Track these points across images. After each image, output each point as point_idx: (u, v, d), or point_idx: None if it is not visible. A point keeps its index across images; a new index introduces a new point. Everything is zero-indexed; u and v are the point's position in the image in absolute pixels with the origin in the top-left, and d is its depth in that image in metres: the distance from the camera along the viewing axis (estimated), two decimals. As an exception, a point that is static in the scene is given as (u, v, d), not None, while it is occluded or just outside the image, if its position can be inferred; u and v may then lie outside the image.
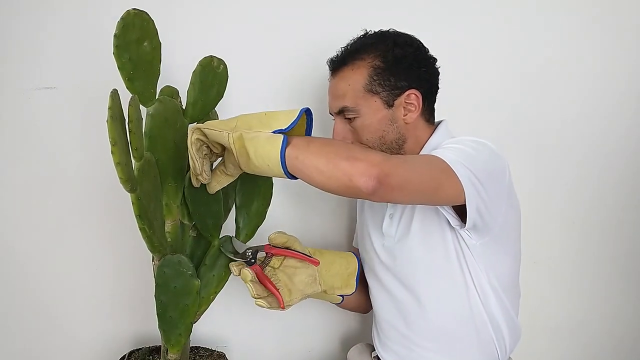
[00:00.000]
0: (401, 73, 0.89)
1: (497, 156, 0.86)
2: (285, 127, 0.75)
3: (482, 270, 0.88)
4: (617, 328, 1.46)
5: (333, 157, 0.70)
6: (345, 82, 0.90)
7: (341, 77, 0.91)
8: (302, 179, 0.74)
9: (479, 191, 0.78)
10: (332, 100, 0.93)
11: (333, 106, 0.92)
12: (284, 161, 0.72)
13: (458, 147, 0.81)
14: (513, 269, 0.94)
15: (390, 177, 0.69)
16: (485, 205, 0.80)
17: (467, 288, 0.89)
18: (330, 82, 0.95)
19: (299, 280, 0.87)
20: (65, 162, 1.07)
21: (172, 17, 1.05)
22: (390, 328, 0.98)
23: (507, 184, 0.87)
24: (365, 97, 0.89)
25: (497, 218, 0.84)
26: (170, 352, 0.85)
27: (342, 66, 0.91)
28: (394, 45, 0.90)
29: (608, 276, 1.43)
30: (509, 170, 0.87)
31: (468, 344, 0.91)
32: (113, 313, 1.13)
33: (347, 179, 0.69)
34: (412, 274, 0.92)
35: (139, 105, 0.75)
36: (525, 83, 1.31)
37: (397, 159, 0.74)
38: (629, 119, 1.38)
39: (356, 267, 0.99)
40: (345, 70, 0.91)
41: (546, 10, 1.29)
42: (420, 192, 0.76)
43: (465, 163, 0.77)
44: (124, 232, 1.08)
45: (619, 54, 1.35)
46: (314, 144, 0.74)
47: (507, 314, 0.91)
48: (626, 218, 1.42)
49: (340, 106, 0.90)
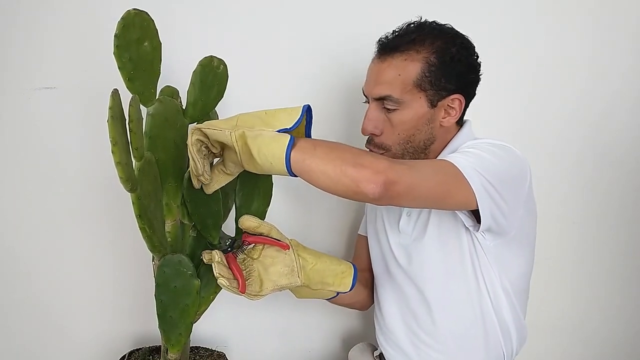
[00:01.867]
0: (453, 75, 0.86)
1: (519, 160, 0.84)
2: (290, 127, 0.75)
3: (496, 274, 0.88)
4: (617, 328, 1.46)
5: (340, 163, 0.70)
6: (395, 70, 0.86)
7: (391, 64, 0.86)
8: (307, 181, 0.74)
9: (493, 197, 0.77)
10: (374, 85, 0.88)
11: (374, 91, 0.87)
12: (289, 162, 0.72)
13: (474, 152, 0.80)
14: (526, 273, 0.93)
15: (397, 184, 0.70)
16: (500, 211, 0.79)
17: (480, 292, 0.89)
18: (374, 64, 0.89)
19: (274, 270, 0.84)
20: (65, 162, 1.07)
21: (172, 17, 1.05)
22: (398, 325, 0.97)
23: (527, 188, 0.85)
24: (412, 92, 0.86)
25: (513, 223, 0.84)
26: (170, 352, 0.85)
27: (394, 52, 0.86)
28: (452, 44, 0.86)
29: (608, 276, 1.44)
30: (530, 174, 0.86)
31: (476, 346, 0.91)
32: (113, 313, 1.13)
33: (354, 185, 0.69)
34: (426, 274, 0.92)
35: (139, 105, 0.75)
36: (525, 83, 1.31)
37: (404, 165, 0.73)
38: (628, 119, 1.38)
39: (352, 272, 0.92)
40: (397, 57, 0.86)
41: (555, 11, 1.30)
42: (427, 199, 0.76)
43: (478, 169, 0.76)
44: (124, 232, 1.08)
45: (615, 54, 1.35)
46: (320, 148, 0.73)
47: (516, 317, 0.91)
48: (626, 218, 1.42)
49: (384, 94, 0.86)
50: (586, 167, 1.38)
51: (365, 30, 1.17)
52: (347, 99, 1.21)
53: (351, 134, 1.23)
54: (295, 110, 0.77)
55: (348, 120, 1.22)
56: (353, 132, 1.23)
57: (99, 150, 1.00)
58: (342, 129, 1.22)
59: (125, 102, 0.71)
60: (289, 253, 0.85)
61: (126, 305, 1.13)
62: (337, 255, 1.25)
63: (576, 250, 1.41)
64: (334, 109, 1.21)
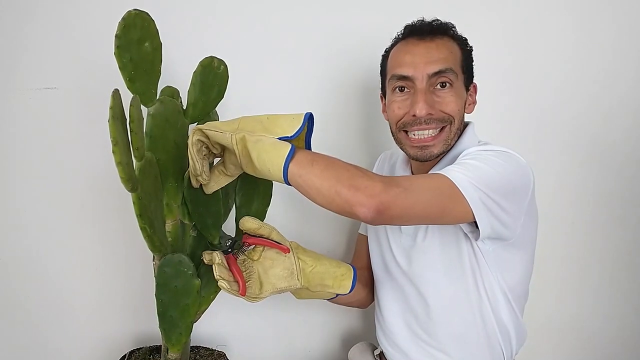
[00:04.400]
0: (471, 67, 0.94)
1: (521, 168, 0.83)
2: (291, 135, 0.75)
3: (495, 277, 0.88)
4: (618, 328, 1.46)
5: (335, 183, 0.70)
6: (447, 49, 0.89)
7: (439, 44, 0.89)
8: (302, 194, 0.74)
9: (491, 210, 0.77)
10: (425, 63, 0.87)
11: (429, 68, 0.87)
12: (286, 173, 0.73)
13: (473, 164, 0.79)
14: (525, 276, 0.93)
15: (390, 209, 0.70)
16: (500, 222, 0.79)
17: (479, 294, 0.89)
18: (416, 45, 0.89)
19: (273, 273, 0.84)
20: (65, 162, 1.07)
21: (173, 18, 1.05)
22: (399, 324, 0.97)
23: (530, 196, 0.85)
24: (458, 72, 0.90)
25: (514, 230, 0.83)
26: (170, 352, 0.85)
27: (441, 34, 0.90)
28: (465, 40, 0.94)
29: (608, 276, 1.44)
30: (533, 181, 0.86)
31: (476, 346, 0.91)
32: (114, 312, 1.13)
33: (348, 206, 0.70)
34: (425, 276, 0.92)
35: (140, 106, 0.75)
36: (524, 82, 1.31)
37: (399, 187, 0.72)
38: (632, 121, 1.38)
39: (351, 274, 0.92)
40: (445, 38, 0.90)
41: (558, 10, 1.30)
42: (423, 218, 0.77)
43: (476, 183, 0.75)
44: (124, 232, 1.08)
45: (620, 57, 1.35)
46: (317, 165, 0.72)
47: (515, 319, 0.92)
48: (626, 218, 1.42)
49: (444, 67, 0.87)
50: (586, 167, 1.38)
51: (366, 30, 1.18)
52: (348, 99, 1.22)
53: (352, 134, 1.23)
54: (297, 118, 0.77)
55: (349, 121, 1.23)
56: (353, 132, 1.24)
57: (99, 151, 1.01)
58: (343, 129, 1.22)
59: (125, 102, 0.71)
60: (289, 256, 0.86)
61: (126, 304, 1.13)
62: (337, 254, 1.26)
63: (576, 251, 1.41)
64: (334, 109, 1.21)
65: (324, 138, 1.02)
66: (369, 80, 1.20)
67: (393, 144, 0.97)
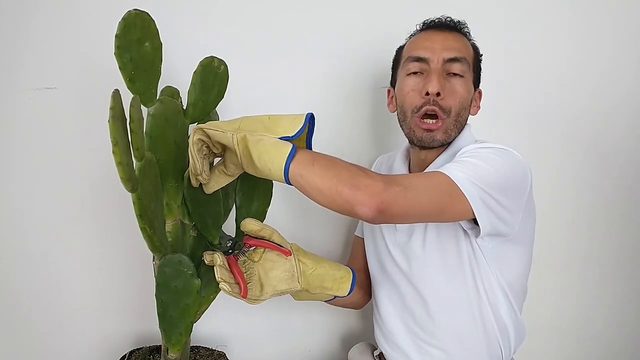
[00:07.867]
0: (479, 73, 0.96)
1: (519, 165, 0.84)
2: (292, 135, 0.75)
3: (494, 274, 0.88)
4: (619, 328, 1.47)
5: (336, 183, 0.70)
6: (463, 42, 0.93)
7: (456, 37, 0.92)
8: (303, 194, 0.74)
9: (491, 207, 0.78)
10: (442, 49, 0.90)
11: (446, 53, 0.90)
12: (287, 172, 0.73)
13: (471, 162, 0.79)
14: (524, 272, 0.93)
15: (391, 207, 0.70)
16: (499, 219, 0.80)
17: (477, 291, 0.89)
18: (435, 34, 0.93)
19: (274, 275, 0.84)
20: (65, 162, 1.07)
21: (173, 18, 1.05)
22: (397, 324, 0.98)
23: (528, 193, 0.86)
24: (471, 67, 0.92)
25: (513, 227, 0.84)
26: (170, 352, 0.85)
27: (457, 31, 0.94)
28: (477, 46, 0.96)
29: (609, 276, 1.44)
30: (531, 178, 0.86)
31: (475, 343, 0.91)
32: (114, 312, 1.13)
33: (349, 206, 0.70)
34: (423, 274, 0.92)
35: (140, 106, 0.75)
36: (523, 82, 1.32)
37: (400, 186, 0.72)
38: (633, 120, 1.38)
39: (350, 277, 0.93)
40: (461, 35, 0.94)
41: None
42: (423, 216, 0.77)
43: (475, 180, 0.76)
44: (124, 232, 1.08)
45: (621, 56, 1.36)
46: (318, 164, 0.73)
47: (514, 316, 0.92)
48: (626, 217, 1.42)
49: (459, 55, 0.90)
50: (586, 167, 1.38)
51: (366, 30, 1.18)
52: (348, 99, 1.22)
53: (352, 134, 1.23)
54: (298, 118, 0.77)
55: (349, 121, 1.23)
56: (354, 132, 1.24)
57: (99, 151, 1.00)
58: (343, 129, 1.22)
59: (126, 102, 0.71)
60: (289, 258, 0.86)
61: (126, 304, 1.13)
62: (335, 255, 1.26)
63: (576, 250, 1.41)
64: (334, 109, 1.21)
65: (324, 138, 1.03)
66: (369, 80, 1.20)
67: (393, 144, 0.98)
